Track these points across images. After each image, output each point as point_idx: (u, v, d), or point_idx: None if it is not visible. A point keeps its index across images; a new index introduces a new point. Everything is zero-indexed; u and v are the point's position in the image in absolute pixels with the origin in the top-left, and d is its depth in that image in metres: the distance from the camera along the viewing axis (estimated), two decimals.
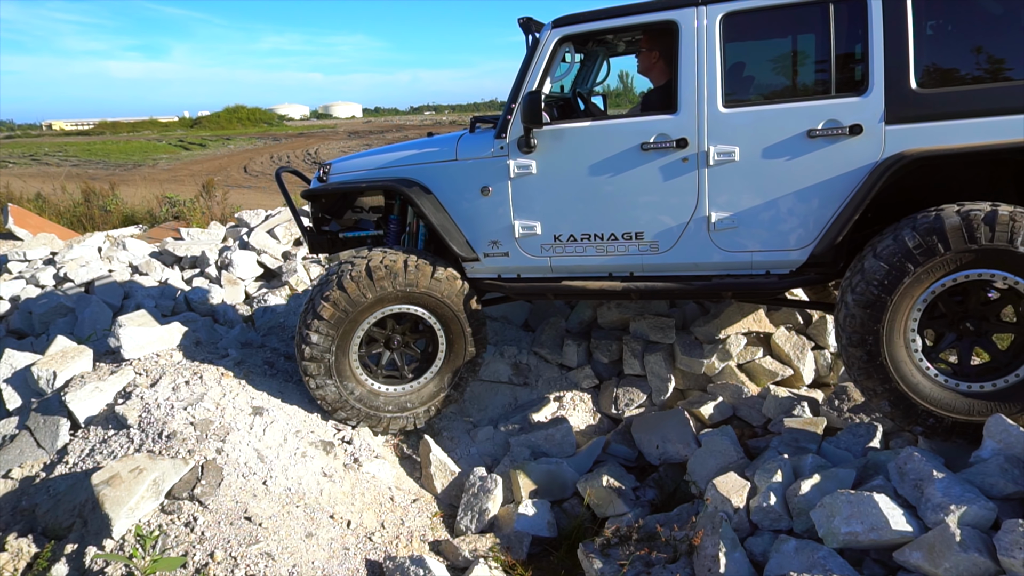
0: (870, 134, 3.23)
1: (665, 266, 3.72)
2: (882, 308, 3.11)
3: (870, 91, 3.20)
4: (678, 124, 3.48)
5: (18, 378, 4.16)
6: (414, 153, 4.14)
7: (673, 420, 4.05)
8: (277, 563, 3.04)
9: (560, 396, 4.62)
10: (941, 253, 3.01)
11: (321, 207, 4.53)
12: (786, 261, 3.53)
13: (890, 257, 3.09)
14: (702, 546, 2.90)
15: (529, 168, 3.76)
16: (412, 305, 3.97)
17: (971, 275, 3.05)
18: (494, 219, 3.91)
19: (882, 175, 3.18)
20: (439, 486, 3.92)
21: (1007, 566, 2.34)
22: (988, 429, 2.86)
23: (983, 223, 2.95)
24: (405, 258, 3.91)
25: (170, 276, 6.86)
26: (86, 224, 10.77)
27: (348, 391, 3.99)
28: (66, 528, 3.27)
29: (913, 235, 3.05)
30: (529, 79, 3.68)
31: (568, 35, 3.66)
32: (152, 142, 40.14)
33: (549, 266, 3.91)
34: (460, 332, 4.06)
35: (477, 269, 4.07)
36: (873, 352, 3.16)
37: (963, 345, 3.24)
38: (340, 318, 3.86)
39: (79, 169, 25.08)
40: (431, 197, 4.00)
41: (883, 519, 2.59)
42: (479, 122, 4.06)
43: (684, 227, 3.60)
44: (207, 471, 3.38)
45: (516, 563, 3.39)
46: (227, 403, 3.87)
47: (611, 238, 3.74)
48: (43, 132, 61.63)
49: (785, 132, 3.34)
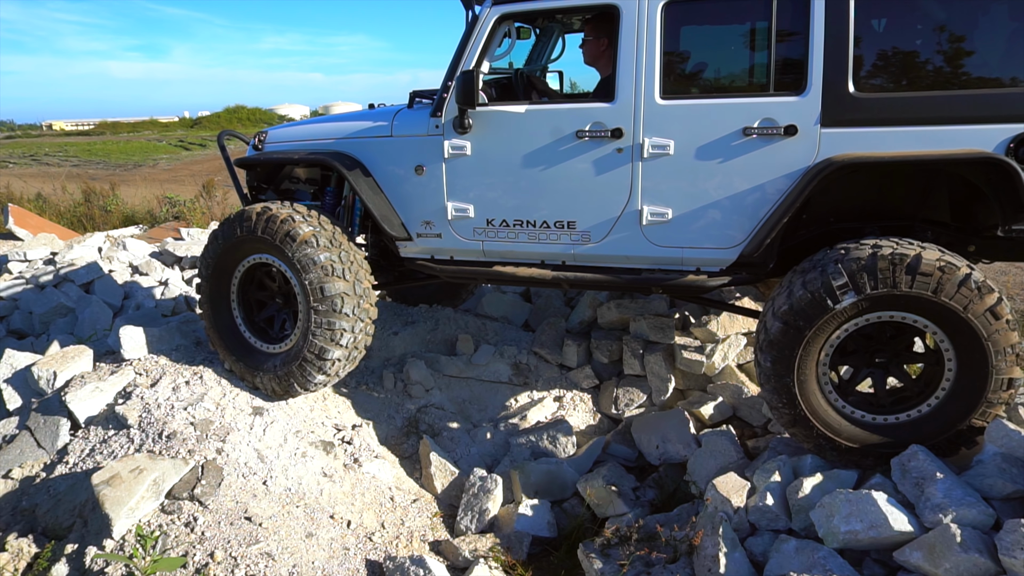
0: (805, 136, 3.13)
1: (596, 257, 3.65)
2: (799, 338, 3.05)
3: (807, 91, 3.09)
4: (614, 113, 3.38)
5: (18, 378, 4.15)
6: (351, 126, 4.05)
7: (673, 420, 4.05)
8: (277, 563, 3.04)
9: (560, 396, 4.62)
10: (831, 308, 2.95)
11: (257, 176, 4.45)
12: (716, 259, 3.46)
13: (785, 316, 3.05)
14: (702, 546, 2.90)
15: (463, 149, 3.68)
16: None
17: (871, 319, 3.02)
18: (427, 199, 3.82)
19: (812, 179, 3.09)
20: (439, 486, 3.91)
21: (1008, 566, 2.33)
22: (989, 434, 2.85)
23: (864, 272, 2.88)
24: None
25: (170, 276, 6.85)
26: (86, 224, 10.76)
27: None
28: (66, 528, 3.27)
29: (803, 292, 3.00)
30: (466, 58, 3.55)
31: (507, 14, 3.53)
32: (152, 142, 40.13)
33: (482, 250, 3.84)
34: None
35: (410, 249, 3.99)
36: (783, 377, 3.12)
37: (878, 377, 3.20)
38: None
39: (79, 169, 25.07)
40: (365, 173, 3.91)
41: (882, 516, 2.60)
42: (419, 97, 3.94)
43: (616, 219, 3.52)
44: (207, 471, 3.38)
45: (516, 563, 3.39)
46: (227, 403, 3.87)
47: (543, 226, 3.66)
48: (43, 132, 61.62)
49: (721, 128, 3.25)
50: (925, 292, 2.85)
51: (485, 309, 5.51)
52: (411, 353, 4.89)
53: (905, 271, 2.85)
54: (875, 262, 2.89)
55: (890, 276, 2.87)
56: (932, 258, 2.85)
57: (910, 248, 2.90)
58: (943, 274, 2.83)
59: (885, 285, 2.89)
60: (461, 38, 3.61)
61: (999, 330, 2.83)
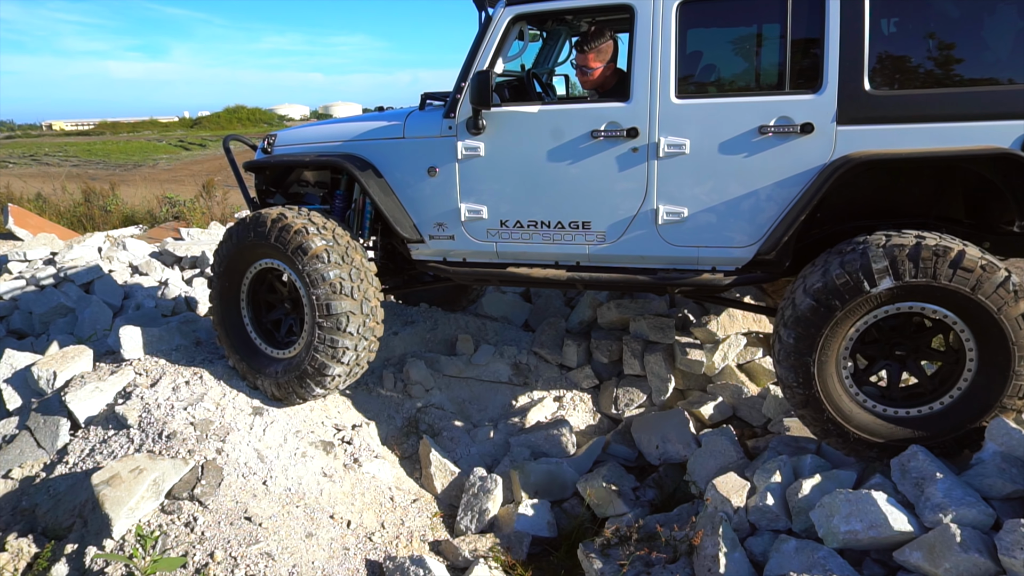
0: (821, 134, 3.13)
1: (611, 257, 3.64)
2: (829, 317, 3.04)
3: (823, 89, 3.10)
4: (630, 113, 3.38)
5: (18, 378, 4.15)
6: (361, 128, 4.03)
7: (673, 420, 4.05)
8: (277, 563, 3.04)
9: (560, 396, 4.62)
10: (866, 291, 2.96)
11: (265, 179, 4.42)
12: (732, 258, 3.45)
13: (817, 294, 3.04)
14: (702, 546, 2.90)
15: (477, 150, 3.66)
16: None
17: (902, 308, 3.01)
18: (440, 201, 3.80)
19: (829, 177, 3.09)
20: (439, 486, 3.91)
21: (1008, 566, 2.33)
22: (990, 432, 2.85)
23: (907, 259, 2.89)
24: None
25: (170, 276, 6.86)
26: (86, 224, 10.76)
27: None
28: (66, 528, 3.28)
29: (841, 272, 2.99)
30: (480, 58, 3.54)
31: (521, 14, 3.52)
32: (152, 142, 40.13)
33: (495, 251, 3.82)
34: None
35: (422, 251, 3.98)
36: (804, 355, 3.11)
37: (894, 370, 3.20)
38: None
39: (79, 169, 25.06)
40: (377, 175, 3.89)
41: (882, 516, 2.60)
42: (430, 99, 3.93)
43: (631, 219, 3.51)
44: (207, 471, 3.38)
45: (516, 563, 3.39)
46: (227, 403, 3.87)
47: (558, 226, 3.65)
48: (43, 132, 61.60)
49: (737, 127, 3.24)
50: (964, 288, 2.85)
51: (485, 309, 5.51)
52: (411, 353, 4.90)
53: (949, 264, 2.84)
54: (919, 251, 2.88)
55: (932, 266, 2.86)
56: (975, 255, 2.85)
57: (954, 242, 2.91)
58: (984, 272, 2.82)
59: (925, 275, 2.88)
60: (475, 39, 3.60)
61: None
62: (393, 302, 5.65)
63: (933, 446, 2.97)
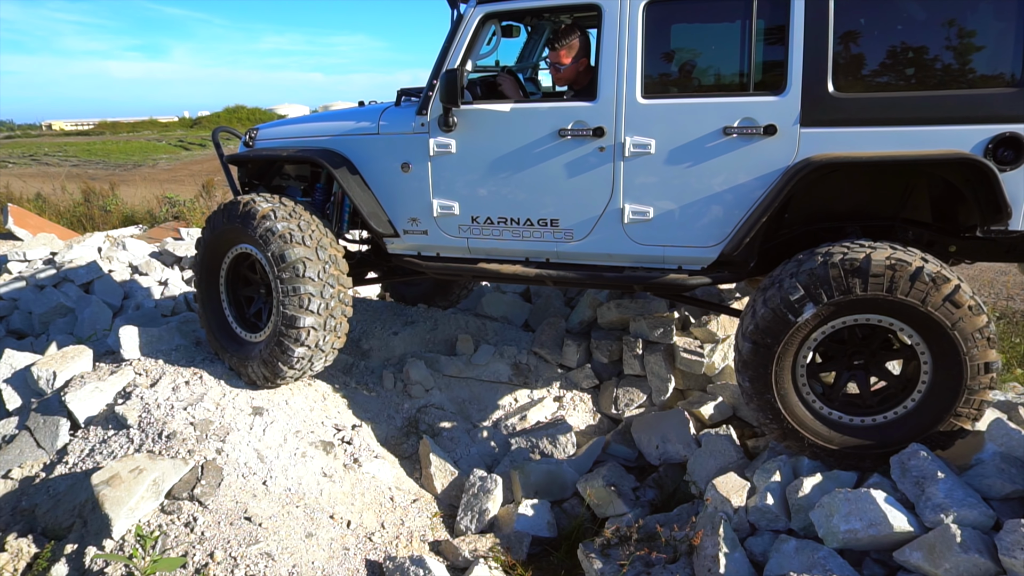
0: (784, 135, 3.13)
1: (579, 255, 3.68)
2: (770, 355, 3.07)
3: (787, 91, 3.09)
4: (596, 112, 3.40)
5: (18, 378, 4.16)
6: (339, 124, 4.11)
7: (673, 420, 4.05)
8: (277, 563, 3.04)
9: (560, 396, 4.62)
10: (793, 322, 2.99)
11: (248, 172, 4.53)
12: (697, 258, 3.48)
13: (753, 336, 3.07)
14: (702, 546, 2.90)
15: (448, 147, 3.71)
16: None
17: (847, 321, 3.02)
18: (413, 196, 3.86)
19: (791, 179, 3.09)
20: (439, 486, 3.91)
21: (1008, 566, 2.34)
22: (989, 432, 2.85)
23: (819, 283, 2.91)
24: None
25: (170, 276, 6.86)
26: (86, 224, 10.76)
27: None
28: (66, 528, 3.28)
29: (766, 310, 3.02)
30: (451, 57, 3.58)
31: (492, 12, 3.55)
32: (152, 142, 40.11)
33: (467, 247, 3.88)
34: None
35: (397, 246, 4.05)
36: (764, 394, 3.14)
37: (859, 378, 3.21)
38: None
39: (79, 169, 25.05)
40: (352, 171, 3.96)
41: (881, 515, 2.60)
42: (407, 95, 3.97)
43: (598, 218, 3.54)
44: (207, 471, 3.38)
45: (516, 563, 3.39)
46: (227, 403, 3.87)
47: (527, 223, 3.69)
48: (43, 132, 61.54)
49: (701, 127, 3.26)
50: (880, 292, 2.86)
51: (485, 309, 5.51)
52: (411, 353, 4.90)
53: (856, 275, 2.86)
54: (826, 271, 2.91)
55: (843, 282, 2.89)
56: (881, 258, 2.85)
57: (860, 251, 2.91)
58: (894, 272, 2.83)
59: (840, 292, 2.90)
60: (446, 37, 3.64)
61: (962, 317, 2.82)
62: (393, 303, 5.65)
63: (885, 454, 2.99)
